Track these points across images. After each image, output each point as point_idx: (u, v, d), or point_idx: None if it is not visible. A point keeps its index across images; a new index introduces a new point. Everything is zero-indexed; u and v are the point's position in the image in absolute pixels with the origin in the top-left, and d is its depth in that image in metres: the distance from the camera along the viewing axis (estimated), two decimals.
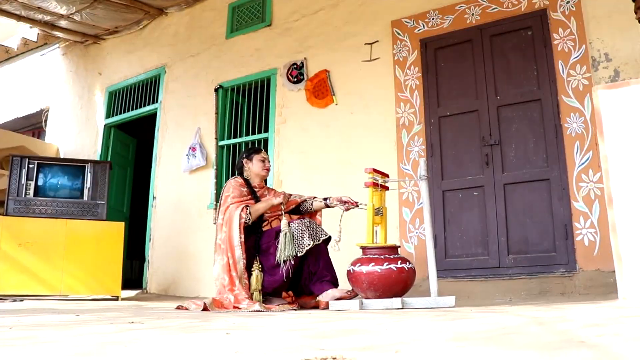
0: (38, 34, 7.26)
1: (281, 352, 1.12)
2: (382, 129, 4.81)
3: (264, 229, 3.40)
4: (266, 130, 5.63)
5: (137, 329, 1.74)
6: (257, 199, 3.40)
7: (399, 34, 4.86)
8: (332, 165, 5.04)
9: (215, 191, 5.67)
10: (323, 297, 3.12)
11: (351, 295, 3.08)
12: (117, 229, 5.15)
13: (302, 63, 5.43)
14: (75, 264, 4.93)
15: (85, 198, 5.12)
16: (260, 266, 3.15)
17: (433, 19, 4.71)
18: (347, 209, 3.44)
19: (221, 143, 5.85)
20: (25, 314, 2.79)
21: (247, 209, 3.20)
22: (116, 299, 5.06)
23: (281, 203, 3.24)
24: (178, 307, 3.20)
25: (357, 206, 3.45)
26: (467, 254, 4.19)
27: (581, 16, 4.08)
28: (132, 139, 7.35)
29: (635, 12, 3.08)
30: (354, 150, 4.94)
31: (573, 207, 3.86)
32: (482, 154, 4.27)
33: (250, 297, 3.03)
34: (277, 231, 3.18)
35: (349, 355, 1.06)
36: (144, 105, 6.68)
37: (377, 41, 5.02)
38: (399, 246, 3.10)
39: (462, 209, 4.30)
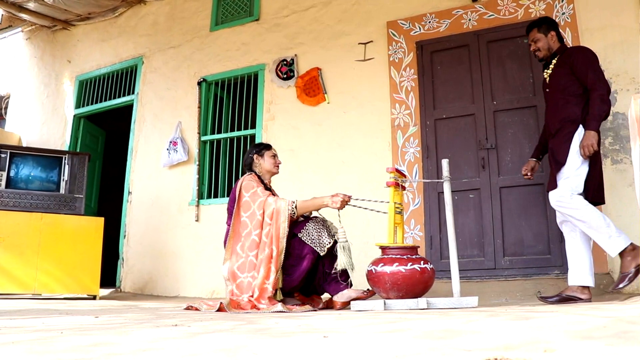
0: (2, 15, 6.83)
1: (435, 354, 1.07)
2: (377, 130, 4.82)
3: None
4: (253, 127, 5.52)
5: (203, 333, 1.64)
6: None
7: (394, 35, 4.87)
8: (323, 164, 4.99)
9: (197, 187, 5.50)
10: (339, 298, 3.07)
11: (367, 296, 3.05)
12: (96, 224, 4.90)
13: (292, 60, 5.36)
14: (50, 260, 4.64)
15: (62, 191, 4.84)
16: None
17: (429, 22, 4.75)
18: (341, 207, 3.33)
19: (204, 138, 5.68)
20: (27, 315, 2.60)
21: (294, 202, 3.10)
22: (93, 298, 4.81)
23: (338, 208, 3.12)
24: (188, 308, 3.06)
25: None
26: (463, 255, 4.25)
27: (576, 27, 4.23)
28: (102, 130, 7.02)
29: (535, 54, 3.43)
30: (347, 150, 4.92)
31: None
32: (479, 158, 4.35)
33: (273, 297, 2.94)
34: (295, 232, 3.10)
35: (511, 356, 1.03)
36: (119, 97, 6.40)
37: (372, 41, 5.02)
38: (419, 247, 3.10)
39: (458, 211, 4.35)
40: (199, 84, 5.79)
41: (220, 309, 2.85)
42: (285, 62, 5.40)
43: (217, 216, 5.34)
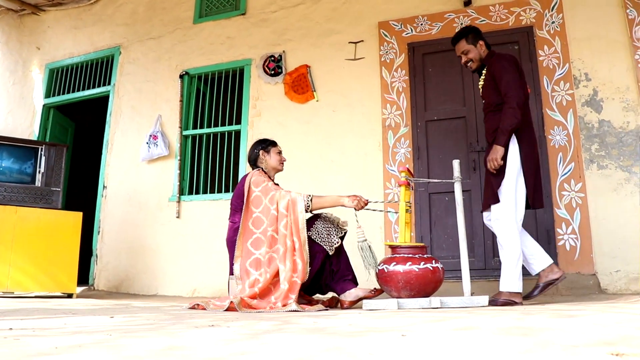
0: None
1: (552, 350, 1.07)
2: (367, 129, 4.82)
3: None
4: (238, 122, 5.41)
5: (257, 333, 1.58)
6: None
7: (386, 35, 4.89)
8: (312, 162, 4.95)
9: (178, 183, 5.35)
10: (346, 297, 3.04)
11: (375, 294, 3.04)
12: (74, 219, 4.68)
13: (280, 56, 5.29)
14: (24, 256, 4.40)
15: (37, 184, 4.59)
16: None
17: (421, 24, 4.80)
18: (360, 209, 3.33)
19: (185, 133, 5.52)
20: (31, 315, 2.45)
21: (308, 195, 3.03)
22: (70, 296, 4.60)
23: (355, 208, 3.07)
24: (193, 307, 2.95)
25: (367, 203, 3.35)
26: (453, 255, 4.30)
27: (565, 36, 4.36)
28: (71, 122, 6.73)
29: (467, 66, 3.34)
30: (336, 149, 4.90)
31: (555, 214, 4.11)
32: (469, 160, 4.42)
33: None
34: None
35: (627, 352, 1.03)
36: (93, 87, 6.15)
37: (362, 41, 5.02)
38: (427, 246, 3.11)
39: (448, 212, 4.41)
40: (181, 77, 5.63)
41: (229, 309, 2.76)
42: (272, 58, 5.33)
43: (199, 213, 5.22)
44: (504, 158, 3.05)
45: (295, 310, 2.68)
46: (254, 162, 3.37)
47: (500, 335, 1.29)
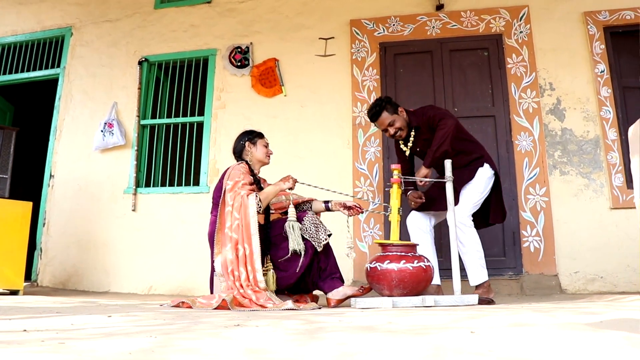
0: None
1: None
2: (335, 127, 4.79)
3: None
4: (201, 114, 5.21)
5: (310, 332, 1.51)
6: (260, 189, 3.14)
7: (357, 34, 4.88)
8: (278, 158, 4.76)
9: (135, 174, 5.07)
10: (334, 295, 2.99)
11: (363, 293, 3.01)
12: (23, 209, 4.32)
13: (247, 47, 5.15)
14: None
15: None
16: (271, 263, 2.90)
17: (394, 25, 4.83)
18: (351, 215, 3.33)
19: (144, 122, 5.25)
20: (14, 314, 2.23)
21: (257, 196, 2.93)
22: (15, 293, 4.24)
23: (290, 188, 3.02)
24: (178, 305, 2.79)
25: (362, 212, 3.40)
26: None
27: (532, 46, 4.53)
28: (10, 105, 6.22)
29: (395, 136, 3.33)
30: (303, 145, 4.83)
31: (521, 217, 4.26)
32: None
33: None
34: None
35: None
36: (40, 69, 5.72)
37: (333, 37, 4.98)
38: (418, 244, 3.12)
39: None
40: (140, 63, 5.35)
41: (221, 307, 2.63)
42: (239, 50, 5.17)
43: (157, 206, 4.99)
44: (470, 177, 3.18)
45: (291, 309, 2.60)
46: (239, 154, 3.24)
47: (571, 331, 1.29)
